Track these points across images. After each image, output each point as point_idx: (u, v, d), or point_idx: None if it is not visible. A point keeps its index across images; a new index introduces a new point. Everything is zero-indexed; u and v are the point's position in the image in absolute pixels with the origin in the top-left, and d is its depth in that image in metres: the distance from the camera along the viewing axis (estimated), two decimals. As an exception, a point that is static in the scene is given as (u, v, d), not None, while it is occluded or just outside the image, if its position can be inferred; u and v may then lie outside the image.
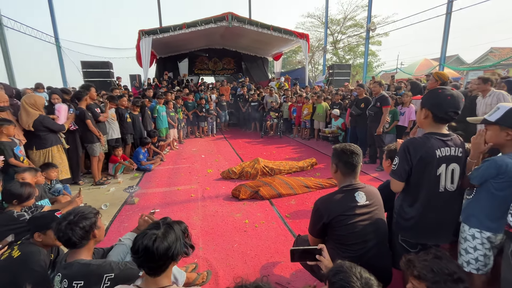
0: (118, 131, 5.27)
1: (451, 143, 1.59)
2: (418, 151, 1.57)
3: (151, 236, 1.14)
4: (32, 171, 2.84)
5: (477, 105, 4.19)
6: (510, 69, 15.45)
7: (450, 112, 1.56)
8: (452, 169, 1.59)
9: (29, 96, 3.79)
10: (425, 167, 1.58)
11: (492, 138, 1.57)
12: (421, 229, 1.65)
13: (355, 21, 24.46)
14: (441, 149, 1.56)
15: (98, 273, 1.35)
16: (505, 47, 20.76)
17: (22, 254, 1.63)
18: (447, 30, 9.99)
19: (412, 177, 1.63)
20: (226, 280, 2.23)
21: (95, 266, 1.38)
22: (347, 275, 1.08)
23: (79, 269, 1.36)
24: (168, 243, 1.15)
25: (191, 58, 14.78)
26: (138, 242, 1.13)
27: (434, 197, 1.60)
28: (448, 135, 1.62)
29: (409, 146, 1.61)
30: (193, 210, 3.57)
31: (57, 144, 3.93)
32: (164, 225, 1.21)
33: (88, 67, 9.33)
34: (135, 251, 1.14)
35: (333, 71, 11.70)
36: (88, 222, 1.47)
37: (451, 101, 1.55)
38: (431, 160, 1.56)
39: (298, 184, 4.12)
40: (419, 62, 16.69)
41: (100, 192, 4.31)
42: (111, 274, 1.36)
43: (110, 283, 1.35)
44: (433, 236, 1.66)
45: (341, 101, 7.67)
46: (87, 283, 1.33)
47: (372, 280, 1.08)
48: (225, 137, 8.98)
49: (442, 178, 1.59)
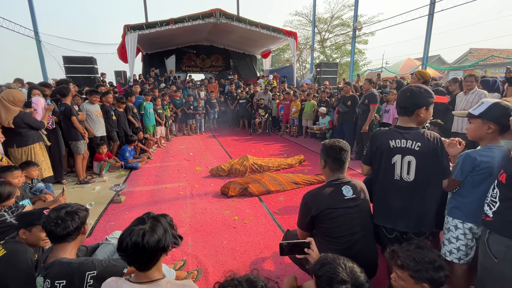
0: (104, 129, 5.14)
1: (409, 136, 1.70)
2: (377, 140, 1.78)
3: (139, 231, 1.11)
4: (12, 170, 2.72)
5: (457, 100, 4.31)
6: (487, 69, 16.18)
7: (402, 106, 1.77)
8: (408, 160, 1.69)
9: (7, 92, 3.61)
10: (381, 154, 1.76)
11: (474, 131, 1.65)
12: (381, 212, 1.83)
13: (342, 20, 24.83)
14: (396, 140, 1.72)
15: (80, 271, 1.32)
16: (483, 48, 21.71)
17: (7, 253, 1.57)
18: (430, 30, 10.32)
19: (373, 163, 1.86)
20: (216, 277, 2.24)
21: (77, 265, 1.34)
22: (332, 266, 1.12)
23: (60, 268, 1.32)
24: (158, 236, 1.13)
25: (178, 54, 14.53)
26: (126, 239, 1.10)
27: (389, 183, 1.76)
28: (408, 128, 1.74)
29: (373, 135, 1.84)
30: (181, 208, 3.54)
31: (39, 142, 3.79)
32: (150, 219, 1.19)
33: (70, 63, 8.97)
34: (123, 249, 1.11)
35: (320, 69, 11.84)
36: (83, 214, 1.50)
37: (409, 97, 1.73)
38: (385, 149, 1.74)
39: (286, 180, 4.16)
40: (403, 62, 17.20)
41: (84, 191, 4.19)
42: (93, 272, 1.34)
43: (92, 281, 1.32)
44: (391, 220, 1.78)
45: (328, 99, 7.78)
46: (69, 282, 1.30)
47: (355, 267, 1.13)
48: (213, 135, 8.92)
49: (397, 167, 1.72)
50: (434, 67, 15.98)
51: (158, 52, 13.89)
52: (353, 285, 1.05)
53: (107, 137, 5.29)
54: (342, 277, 1.07)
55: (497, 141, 1.60)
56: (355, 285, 1.06)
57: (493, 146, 1.59)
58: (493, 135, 1.58)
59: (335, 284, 1.06)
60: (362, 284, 1.07)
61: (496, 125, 1.55)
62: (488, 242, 1.41)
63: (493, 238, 1.39)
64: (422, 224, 1.74)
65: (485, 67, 16.69)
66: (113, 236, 1.97)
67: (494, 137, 1.59)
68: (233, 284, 0.91)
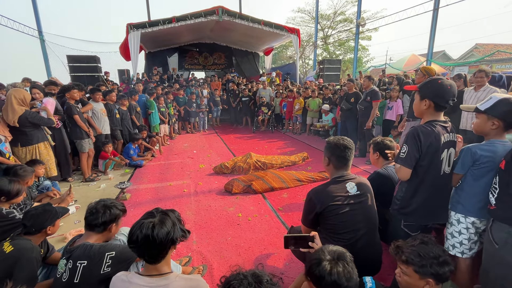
0: (108, 127, 5.18)
1: (450, 129, 1.71)
2: (429, 138, 1.64)
3: (148, 224, 1.17)
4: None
5: (466, 96, 4.17)
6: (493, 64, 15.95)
7: (450, 100, 1.66)
8: (450, 153, 1.69)
9: (19, 91, 3.64)
10: (434, 153, 1.66)
11: (478, 126, 1.66)
12: (426, 212, 1.75)
13: (345, 16, 24.60)
14: (444, 135, 1.67)
15: (100, 252, 1.43)
16: (489, 43, 21.37)
17: (15, 250, 1.60)
18: (434, 26, 10.17)
19: (421, 163, 1.68)
20: (220, 272, 2.26)
21: (98, 247, 1.47)
22: (316, 254, 1.21)
23: (83, 250, 1.45)
24: (167, 228, 1.18)
25: (181, 53, 14.55)
26: (136, 232, 1.16)
27: (437, 180, 1.70)
28: (446, 121, 1.74)
29: (419, 134, 1.65)
30: (186, 205, 3.57)
31: (44, 141, 3.83)
32: (159, 213, 1.25)
33: (74, 62, 9.02)
34: (133, 241, 1.16)
35: (323, 66, 11.76)
36: (115, 212, 1.65)
37: (451, 90, 1.65)
38: (438, 146, 1.65)
39: (290, 177, 4.17)
40: (407, 58, 17.00)
41: (90, 189, 4.24)
42: (112, 252, 1.44)
43: (111, 261, 1.42)
44: (435, 217, 1.77)
45: (331, 96, 7.75)
46: (90, 262, 1.40)
47: (340, 249, 1.22)
48: (216, 133, 8.94)
49: (444, 162, 1.69)
50: (438, 63, 15.78)
51: (160, 51, 13.91)
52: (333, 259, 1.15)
53: (111, 135, 5.33)
54: (323, 257, 1.16)
55: (501, 136, 1.60)
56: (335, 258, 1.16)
57: (496, 141, 1.59)
58: (497, 131, 1.58)
59: (320, 265, 1.14)
60: (341, 254, 1.18)
61: (501, 122, 1.54)
62: (491, 230, 1.47)
63: (495, 225, 1.45)
64: (448, 214, 1.80)
65: (491, 62, 16.43)
66: (120, 232, 2.00)
67: (499, 133, 1.59)
68: (239, 278, 0.92)
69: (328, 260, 1.15)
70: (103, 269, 1.39)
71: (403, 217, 1.81)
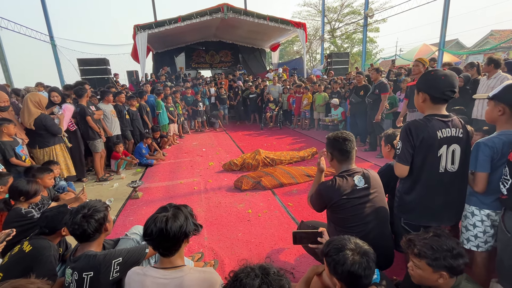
0: (119, 128, 5.29)
1: (452, 124, 1.60)
2: (420, 133, 1.57)
3: (162, 218, 1.20)
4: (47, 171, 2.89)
5: (479, 85, 4.09)
6: (510, 51, 15.28)
7: (447, 92, 1.57)
8: (452, 150, 1.59)
9: (35, 94, 3.80)
10: (427, 148, 1.57)
11: (487, 114, 1.61)
12: (423, 211, 1.67)
13: (352, 8, 24.07)
14: (442, 130, 1.56)
15: (106, 260, 1.41)
16: (505, 30, 20.48)
17: (33, 249, 1.67)
18: (446, 13, 9.80)
19: (415, 159, 1.62)
20: (231, 267, 2.29)
21: (102, 256, 1.43)
22: (338, 240, 1.23)
23: (87, 261, 1.41)
24: (180, 221, 1.22)
25: (188, 52, 14.63)
26: (151, 226, 1.20)
27: (435, 178, 1.61)
28: (448, 115, 1.62)
29: (411, 128, 1.60)
30: (196, 202, 3.62)
31: (60, 143, 3.96)
32: (172, 207, 1.28)
33: (84, 65, 9.24)
34: (148, 234, 1.20)
35: (331, 60, 11.58)
36: (101, 215, 1.52)
37: (445, 80, 1.56)
38: (433, 142, 1.56)
39: (299, 173, 4.15)
40: (418, 48, 16.51)
41: (104, 188, 4.36)
42: (118, 259, 1.43)
43: (119, 268, 1.41)
44: (436, 217, 1.67)
45: (340, 90, 7.63)
46: (96, 272, 1.38)
47: (359, 240, 1.24)
48: (225, 130, 8.98)
49: (443, 159, 1.59)
50: (451, 52, 15.24)
51: (167, 51, 14.03)
52: (358, 253, 1.17)
53: (122, 135, 5.45)
54: (347, 246, 1.19)
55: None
56: (360, 252, 1.17)
57: (508, 131, 1.53)
58: (506, 118, 1.52)
59: (342, 252, 1.16)
60: (366, 251, 1.19)
61: (507, 107, 1.49)
62: (503, 219, 1.45)
63: (508, 214, 1.43)
64: (459, 214, 1.73)
65: (508, 49, 15.74)
66: (132, 231, 2.04)
67: (508, 120, 1.52)
68: (246, 271, 0.94)
69: (351, 250, 1.18)
70: (112, 275, 1.40)
71: (402, 215, 1.76)
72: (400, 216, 1.79)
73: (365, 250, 1.19)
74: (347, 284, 1.16)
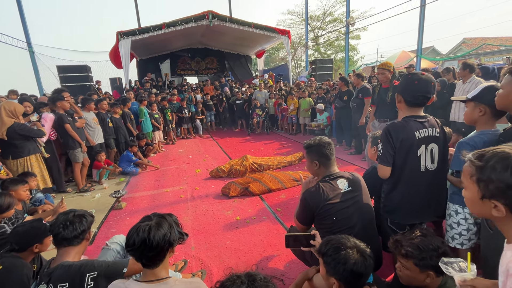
0: (102, 136, 5.12)
1: (428, 124, 1.66)
2: (400, 134, 1.61)
3: (145, 227, 1.15)
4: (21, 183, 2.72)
5: (456, 89, 4.35)
6: (482, 58, 16.21)
7: (418, 96, 1.63)
8: (431, 149, 1.64)
9: (9, 103, 3.61)
10: (407, 149, 1.62)
11: (467, 115, 1.66)
12: (407, 210, 1.70)
13: (334, 17, 24.84)
14: (419, 130, 1.62)
15: (81, 272, 1.34)
16: (476, 37, 21.76)
17: (3, 268, 1.55)
18: (422, 22, 10.31)
19: (396, 160, 1.66)
20: (220, 277, 2.21)
21: (78, 266, 1.37)
22: (337, 239, 1.24)
23: (63, 271, 1.35)
24: (163, 230, 1.17)
25: (173, 58, 14.51)
26: (133, 236, 1.15)
27: (416, 177, 1.65)
28: (424, 117, 1.68)
29: (390, 130, 1.65)
30: (183, 211, 3.52)
31: (35, 153, 3.76)
32: (155, 216, 1.24)
33: (64, 72, 8.92)
34: (130, 244, 1.14)
35: (315, 66, 11.83)
36: (90, 219, 1.56)
37: (418, 85, 1.62)
38: (412, 142, 1.61)
39: (287, 178, 4.15)
40: (398, 55, 17.23)
41: (85, 199, 4.17)
42: (93, 273, 1.36)
43: (93, 283, 1.33)
44: (419, 215, 1.72)
45: (324, 95, 7.78)
46: (71, 284, 1.31)
47: (357, 240, 1.25)
48: (212, 137, 8.90)
49: (423, 158, 1.64)
50: (428, 58, 16.00)
51: (152, 57, 13.86)
52: (358, 251, 1.18)
53: (105, 144, 5.27)
54: (347, 245, 1.19)
55: (491, 125, 1.59)
56: (360, 251, 1.19)
57: (488, 131, 1.58)
58: (486, 118, 1.58)
59: (341, 250, 1.17)
60: (364, 249, 1.20)
61: (488, 108, 1.54)
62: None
63: None
64: (440, 210, 1.77)
65: (479, 56, 16.71)
66: (113, 240, 1.95)
67: (488, 120, 1.58)
68: (232, 279, 0.93)
69: (351, 248, 1.18)
70: None
71: (388, 216, 1.78)
72: (386, 216, 1.81)
73: (363, 249, 1.20)
74: (346, 283, 1.15)
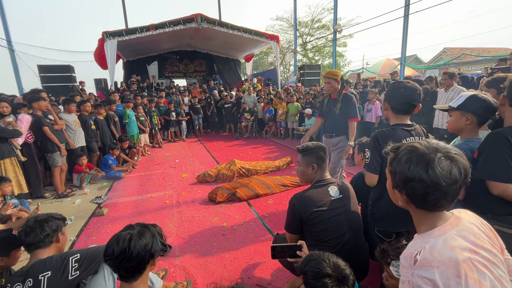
0: (83, 139, 4.93)
1: (415, 133, 1.68)
2: (386, 141, 1.60)
3: (126, 236, 1.11)
4: None
5: (438, 97, 4.49)
6: (461, 67, 16.96)
7: (403, 103, 1.65)
8: None
9: None
10: None
11: (453, 124, 1.68)
12: (393, 217, 1.68)
13: (322, 23, 25.36)
14: (406, 138, 1.64)
15: (63, 258, 1.34)
16: (456, 47, 22.78)
17: None
18: (406, 31, 10.69)
19: (383, 168, 1.65)
20: (205, 287, 2.15)
21: (58, 255, 1.37)
22: (317, 262, 1.18)
23: (42, 264, 1.33)
24: (145, 240, 1.13)
25: (161, 60, 14.31)
26: (113, 245, 1.09)
27: None
28: (411, 125, 1.71)
29: (378, 137, 1.66)
30: (168, 217, 3.42)
31: (10, 157, 3.56)
32: (138, 225, 1.20)
33: (46, 72, 8.56)
34: (109, 253, 1.08)
35: (304, 72, 11.98)
36: (56, 222, 1.51)
37: (404, 93, 1.64)
38: None
39: (275, 183, 4.13)
40: (383, 62, 17.73)
41: (64, 205, 3.97)
42: (76, 255, 1.36)
43: (77, 265, 1.33)
44: (405, 222, 1.69)
45: (312, 101, 7.86)
46: (54, 271, 1.30)
47: (340, 261, 1.19)
48: (199, 140, 8.79)
49: None
50: (411, 66, 16.57)
51: (139, 59, 13.61)
52: (337, 279, 1.11)
53: (87, 147, 5.08)
54: (326, 271, 1.13)
55: (476, 133, 1.63)
56: (339, 278, 1.12)
57: (473, 138, 1.62)
58: (471, 126, 1.61)
59: (320, 278, 1.11)
60: (346, 276, 1.14)
61: (474, 117, 1.58)
62: None
63: None
64: None
65: (459, 65, 17.48)
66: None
67: (473, 129, 1.62)
68: None
69: (330, 276, 1.11)
70: (71, 274, 1.31)
71: (375, 223, 1.78)
72: (373, 224, 1.80)
73: (344, 275, 1.13)
74: None
